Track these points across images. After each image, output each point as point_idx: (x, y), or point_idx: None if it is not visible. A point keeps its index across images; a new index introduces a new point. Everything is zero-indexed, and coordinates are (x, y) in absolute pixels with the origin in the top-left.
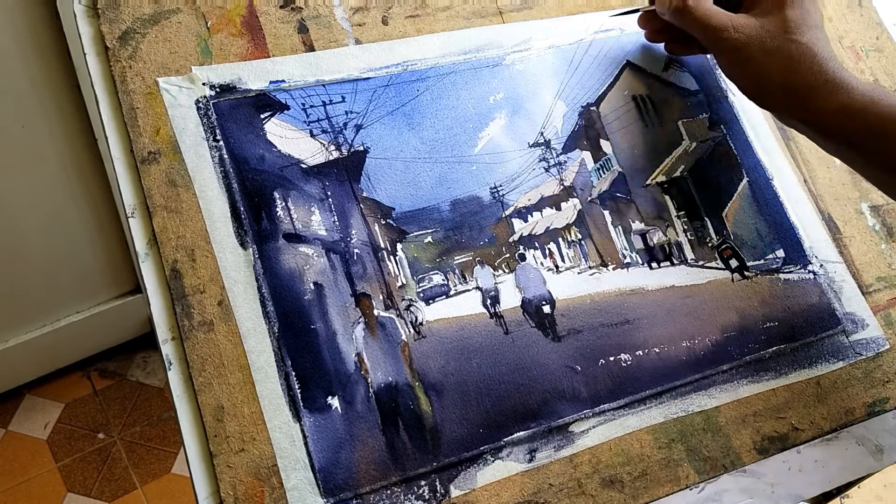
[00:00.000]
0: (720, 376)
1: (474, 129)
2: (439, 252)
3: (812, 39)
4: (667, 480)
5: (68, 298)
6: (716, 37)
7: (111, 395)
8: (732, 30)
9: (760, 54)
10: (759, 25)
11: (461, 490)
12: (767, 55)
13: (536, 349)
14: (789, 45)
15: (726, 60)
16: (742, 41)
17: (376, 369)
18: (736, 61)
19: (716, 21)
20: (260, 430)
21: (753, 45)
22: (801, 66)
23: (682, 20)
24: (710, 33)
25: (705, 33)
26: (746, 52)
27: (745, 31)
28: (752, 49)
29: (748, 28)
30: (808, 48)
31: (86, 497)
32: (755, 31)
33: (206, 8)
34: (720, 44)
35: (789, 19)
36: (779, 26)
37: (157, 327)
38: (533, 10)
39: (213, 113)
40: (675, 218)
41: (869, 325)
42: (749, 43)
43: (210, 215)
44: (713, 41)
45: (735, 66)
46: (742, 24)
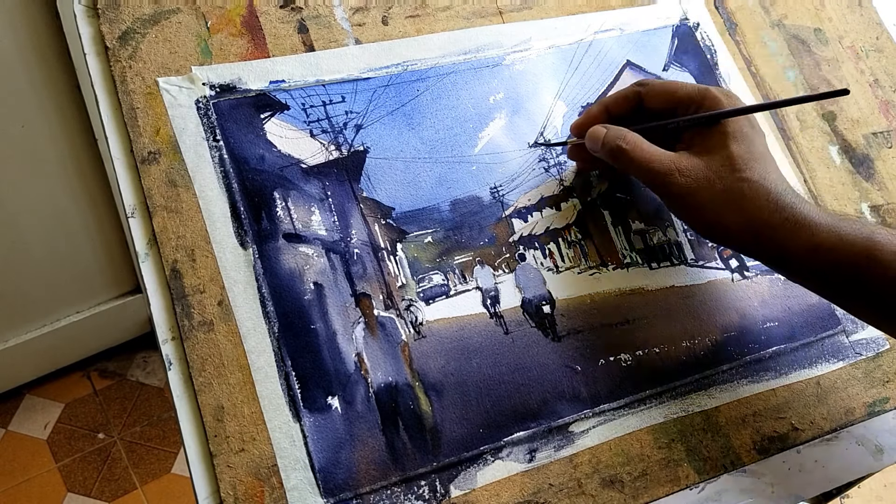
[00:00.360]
0: (720, 376)
1: (474, 129)
2: (439, 252)
3: (762, 174)
4: (667, 480)
5: (68, 298)
6: (660, 182)
7: (111, 395)
8: (678, 174)
9: (711, 198)
10: (704, 166)
11: (461, 490)
12: (718, 199)
13: (536, 349)
14: (740, 185)
15: (676, 206)
16: (690, 186)
17: (376, 369)
18: (686, 206)
19: (657, 165)
20: (260, 430)
21: (703, 190)
22: (756, 204)
23: (618, 164)
24: (653, 178)
25: (647, 177)
26: (696, 198)
27: (691, 175)
28: (701, 194)
29: (694, 170)
30: (760, 185)
31: (86, 497)
32: (702, 174)
33: (206, 8)
34: (666, 189)
35: (735, 156)
36: (725, 164)
37: (157, 327)
38: (533, 10)
39: (213, 113)
40: (675, 218)
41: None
42: (698, 187)
43: (210, 215)
44: (657, 186)
45: (685, 210)
46: (686, 167)
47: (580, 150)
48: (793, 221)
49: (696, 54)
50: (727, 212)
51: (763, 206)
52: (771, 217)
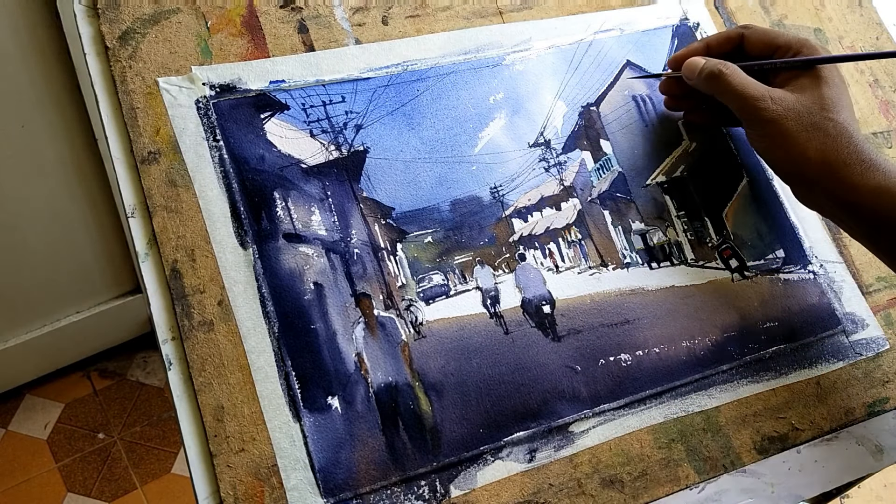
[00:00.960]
0: (720, 376)
1: (474, 129)
2: (439, 252)
3: (847, 119)
4: (667, 480)
5: (68, 298)
6: (752, 106)
7: (111, 395)
8: (770, 101)
9: (797, 129)
10: (795, 100)
11: (461, 490)
12: (804, 130)
13: (536, 349)
14: (826, 123)
15: (761, 132)
16: (779, 113)
17: (376, 369)
18: (771, 134)
19: (752, 90)
20: (260, 430)
21: (790, 119)
22: (839, 143)
23: (715, 88)
24: (747, 103)
25: (741, 103)
26: (783, 126)
27: (783, 104)
28: (788, 122)
29: (785, 101)
30: (844, 128)
31: (86, 497)
32: (792, 105)
33: (206, 8)
34: (757, 114)
35: (826, 97)
36: (816, 103)
37: (157, 327)
38: (533, 10)
39: (213, 113)
40: (675, 218)
41: (869, 325)
42: (786, 116)
43: (210, 215)
44: (749, 111)
45: (769, 138)
46: (780, 97)
47: (674, 84)
48: (868, 164)
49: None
50: (810, 144)
51: (843, 146)
52: (849, 157)
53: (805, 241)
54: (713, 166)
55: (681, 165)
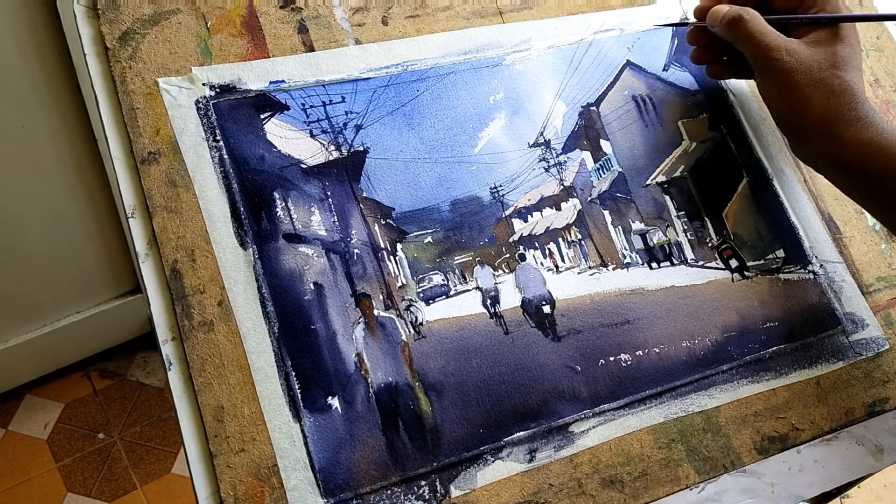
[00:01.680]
0: (720, 376)
1: (474, 129)
2: (439, 252)
3: (853, 79)
4: (667, 480)
5: (68, 298)
6: (767, 55)
7: (111, 395)
8: (785, 52)
9: (806, 82)
10: (809, 54)
11: (461, 490)
12: (812, 85)
13: (536, 349)
14: (833, 80)
15: (771, 82)
16: (791, 65)
17: (376, 369)
18: (781, 84)
19: (769, 39)
20: (260, 431)
21: (801, 72)
22: (841, 100)
23: (734, 33)
24: (762, 51)
25: (757, 50)
26: (793, 78)
27: (797, 57)
28: (798, 75)
29: (799, 54)
30: (850, 85)
31: (86, 497)
32: (805, 59)
33: (206, 8)
34: (770, 63)
35: (839, 55)
36: (828, 59)
37: (157, 327)
38: (533, 10)
39: (213, 113)
40: (675, 218)
41: (869, 325)
42: (798, 69)
43: (210, 215)
44: (763, 59)
45: (778, 88)
46: (794, 49)
47: (699, 34)
48: (864, 121)
49: None
50: (815, 98)
51: (845, 103)
52: (847, 114)
53: (805, 241)
54: (713, 166)
55: (681, 165)
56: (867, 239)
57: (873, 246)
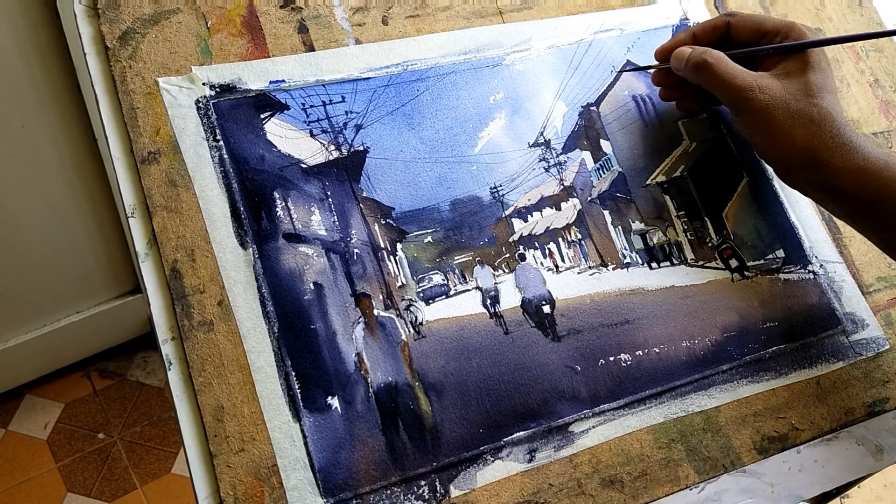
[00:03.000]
0: (720, 376)
1: (474, 129)
2: (439, 252)
3: (830, 104)
4: (667, 480)
5: (68, 298)
6: (740, 97)
7: (111, 395)
8: (758, 90)
9: (784, 117)
10: (782, 87)
11: (461, 490)
12: (791, 118)
13: (536, 349)
14: (811, 109)
15: (748, 121)
16: (767, 103)
17: (376, 369)
18: (758, 122)
19: (740, 81)
20: (260, 430)
21: (778, 108)
22: (822, 129)
23: (701, 78)
24: (734, 93)
25: (728, 92)
26: (771, 115)
27: (770, 93)
28: (776, 112)
29: (772, 89)
30: (828, 112)
31: (86, 497)
32: (780, 93)
33: (206, 8)
34: (744, 104)
35: (811, 83)
36: (801, 89)
37: (157, 327)
38: (533, 10)
39: (213, 113)
40: (675, 218)
41: (869, 325)
42: (773, 105)
43: (210, 215)
44: (736, 101)
45: (756, 126)
46: (766, 85)
47: (665, 75)
48: (848, 146)
49: None
50: (795, 131)
51: (827, 131)
52: (831, 140)
53: (805, 241)
54: (713, 166)
55: (681, 165)
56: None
57: (873, 246)
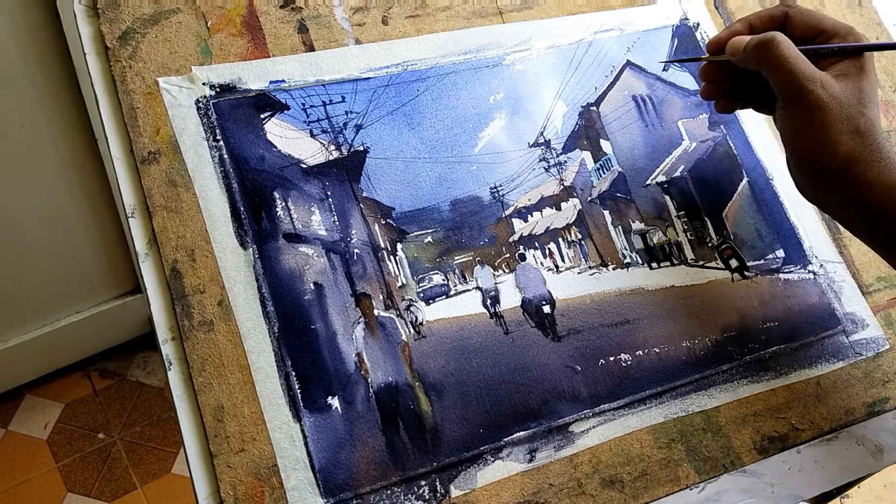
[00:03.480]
0: (720, 376)
1: (474, 129)
2: (439, 252)
3: (875, 116)
4: (667, 480)
5: (68, 298)
6: (802, 85)
7: (111, 395)
8: (820, 84)
9: (836, 122)
10: (840, 89)
11: (461, 490)
12: (841, 124)
13: (536, 349)
14: (859, 118)
15: (800, 116)
16: (825, 101)
17: (376, 369)
18: (811, 119)
19: (805, 67)
20: (260, 430)
21: (833, 109)
22: (865, 140)
23: (764, 58)
24: (796, 79)
25: (790, 78)
26: (826, 115)
27: (830, 91)
28: (831, 113)
29: (833, 88)
30: (872, 124)
31: (86, 497)
32: (837, 95)
33: (206, 8)
34: (803, 94)
35: (864, 91)
36: (855, 95)
37: (157, 327)
38: (533, 10)
39: (213, 113)
40: (675, 218)
41: (869, 325)
42: (831, 105)
43: (210, 215)
44: (796, 89)
45: (807, 123)
46: (828, 83)
47: (713, 70)
48: (887, 162)
49: (696, 54)
50: (842, 138)
51: (868, 144)
52: (870, 154)
53: (805, 241)
54: (713, 166)
55: (681, 165)
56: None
57: None
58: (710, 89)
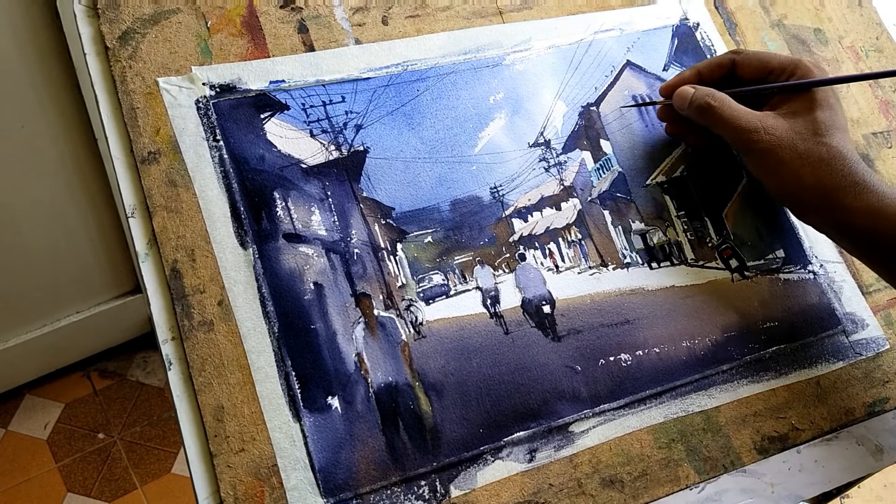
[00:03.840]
0: (720, 376)
1: (474, 129)
2: (439, 252)
3: (840, 142)
4: (667, 480)
5: (68, 298)
6: (746, 138)
7: (111, 395)
8: (763, 132)
9: (792, 157)
10: (788, 127)
11: (461, 490)
12: (799, 158)
13: (536, 349)
14: (820, 148)
15: (756, 162)
16: (774, 143)
17: (376, 369)
18: (766, 164)
19: (745, 122)
20: (260, 430)
21: (785, 148)
22: (832, 168)
23: (706, 120)
24: (740, 135)
25: (734, 134)
26: (778, 155)
27: (776, 133)
28: (783, 152)
29: (778, 130)
30: (838, 151)
31: (86, 497)
32: (786, 133)
33: (206, 8)
34: (750, 146)
35: (819, 121)
36: (808, 128)
37: (157, 327)
38: (533, 10)
39: (213, 113)
40: (675, 218)
41: (869, 325)
42: (780, 145)
43: (210, 215)
44: (742, 143)
45: (765, 167)
46: (772, 126)
47: (669, 110)
48: (862, 186)
49: (697, 54)
50: (805, 171)
51: (837, 170)
52: (843, 179)
53: (805, 241)
54: (713, 166)
55: (681, 165)
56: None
57: None
58: (672, 128)
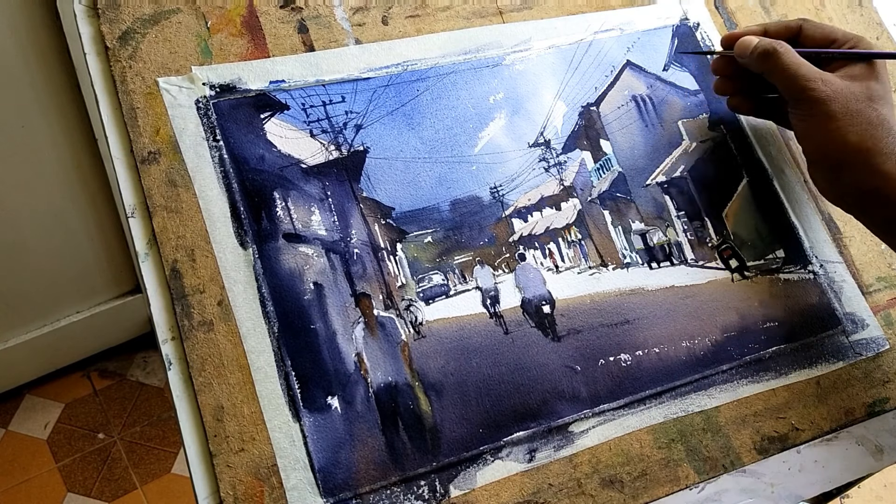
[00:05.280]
0: (720, 376)
1: (474, 129)
2: (439, 252)
3: (889, 113)
4: (667, 480)
5: (68, 298)
6: (802, 86)
7: (111, 395)
8: (821, 82)
9: (843, 113)
10: (845, 85)
11: (461, 490)
12: (849, 115)
13: (536, 349)
14: (871, 112)
15: (806, 112)
16: (829, 95)
17: (376, 369)
18: (816, 114)
19: (805, 70)
20: (260, 430)
21: (838, 102)
22: (878, 133)
23: (767, 65)
24: (797, 82)
25: (792, 82)
26: (830, 107)
27: (832, 87)
28: (836, 104)
29: (835, 85)
30: (886, 119)
31: (86, 497)
32: (841, 89)
33: (206, 8)
34: (805, 93)
35: (874, 89)
36: (864, 92)
37: (157, 327)
38: (533, 10)
39: (213, 113)
40: (675, 218)
41: (869, 325)
42: (833, 98)
43: (210, 215)
44: (797, 90)
45: (814, 118)
46: (830, 80)
47: (724, 65)
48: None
49: (696, 55)
50: (851, 129)
51: (883, 135)
52: (886, 146)
53: (805, 241)
54: (713, 166)
55: (681, 165)
56: (867, 239)
57: (873, 246)
58: (722, 83)
